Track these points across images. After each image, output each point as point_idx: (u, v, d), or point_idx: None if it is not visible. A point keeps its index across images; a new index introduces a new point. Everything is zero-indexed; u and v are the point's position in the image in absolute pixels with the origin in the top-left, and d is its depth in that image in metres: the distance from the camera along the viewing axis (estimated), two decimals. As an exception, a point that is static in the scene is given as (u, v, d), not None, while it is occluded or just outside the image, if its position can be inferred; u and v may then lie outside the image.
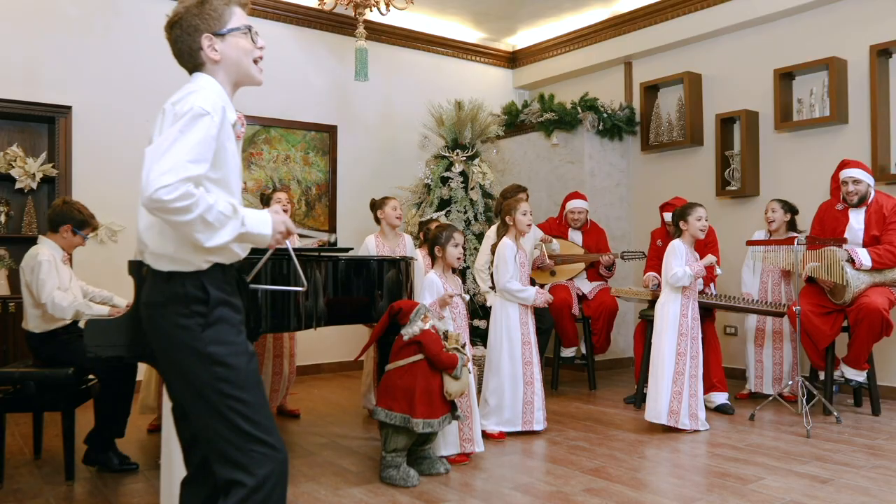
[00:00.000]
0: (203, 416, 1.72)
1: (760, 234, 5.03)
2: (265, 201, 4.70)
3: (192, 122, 1.63)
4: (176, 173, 1.56)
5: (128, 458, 3.47)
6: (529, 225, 4.10)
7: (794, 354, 4.84)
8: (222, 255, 1.75)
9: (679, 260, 4.06)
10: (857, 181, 4.40)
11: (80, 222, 3.61)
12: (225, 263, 1.78)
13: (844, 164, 4.50)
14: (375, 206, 4.79)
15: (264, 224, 1.72)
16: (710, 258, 4.13)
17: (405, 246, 4.76)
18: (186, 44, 1.78)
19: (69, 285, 3.56)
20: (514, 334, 4.00)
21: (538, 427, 3.99)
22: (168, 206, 1.55)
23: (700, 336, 4.12)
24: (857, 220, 4.42)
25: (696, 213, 4.11)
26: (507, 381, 3.95)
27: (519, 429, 3.95)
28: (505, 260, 3.99)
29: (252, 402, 1.72)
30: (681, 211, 4.20)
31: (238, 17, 1.82)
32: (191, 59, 1.80)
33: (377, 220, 4.77)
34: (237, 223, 1.66)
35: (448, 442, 3.47)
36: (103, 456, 3.43)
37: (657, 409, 4.03)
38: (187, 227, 1.60)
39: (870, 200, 4.42)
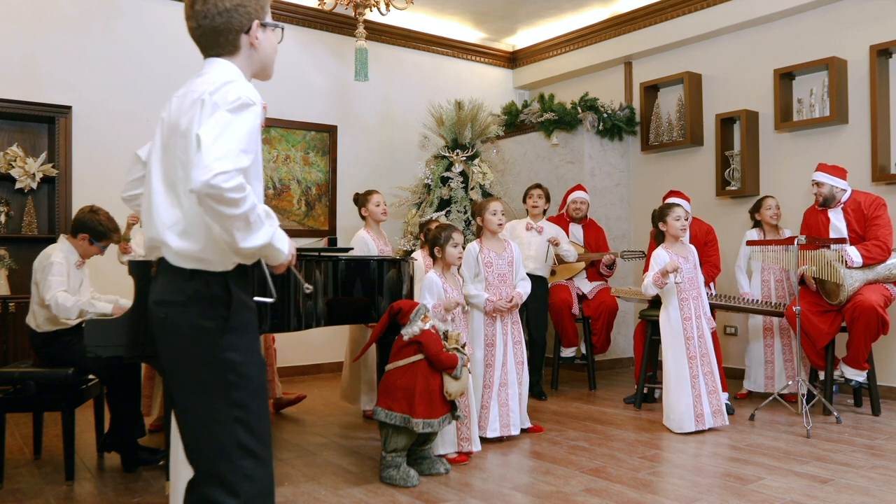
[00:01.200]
0: (201, 423, 1.66)
1: (753, 234, 5.04)
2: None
3: (241, 111, 1.59)
4: (231, 161, 1.51)
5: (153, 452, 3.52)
6: (501, 224, 4.00)
7: (790, 353, 4.86)
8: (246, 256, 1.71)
9: (655, 269, 4.06)
10: (819, 184, 4.47)
11: (99, 234, 3.58)
12: (247, 265, 1.73)
13: (817, 167, 4.56)
14: (359, 201, 4.78)
15: (284, 242, 1.69)
16: (670, 265, 3.99)
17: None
18: (231, 23, 1.70)
19: (79, 290, 3.55)
20: (476, 336, 3.90)
21: (515, 432, 3.87)
22: (224, 194, 1.48)
23: (708, 333, 4.11)
24: (837, 220, 4.47)
25: (675, 214, 4.11)
26: (477, 385, 3.83)
27: (497, 434, 3.82)
28: (465, 263, 3.93)
29: (257, 411, 1.68)
30: (659, 212, 4.20)
31: (270, 12, 1.79)
32: (224, 39, 1.72)
33: (362, 216, 4.77)
34: (271, 230, 1.62)
35: (446, 441, 3.47)
36: (135, 456, 3.45)
37: (680, 418, 3.97)
38: (229, 222, 1.53)
39: (843, 199, 4.46)
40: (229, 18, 1.69)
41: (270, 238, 1.62)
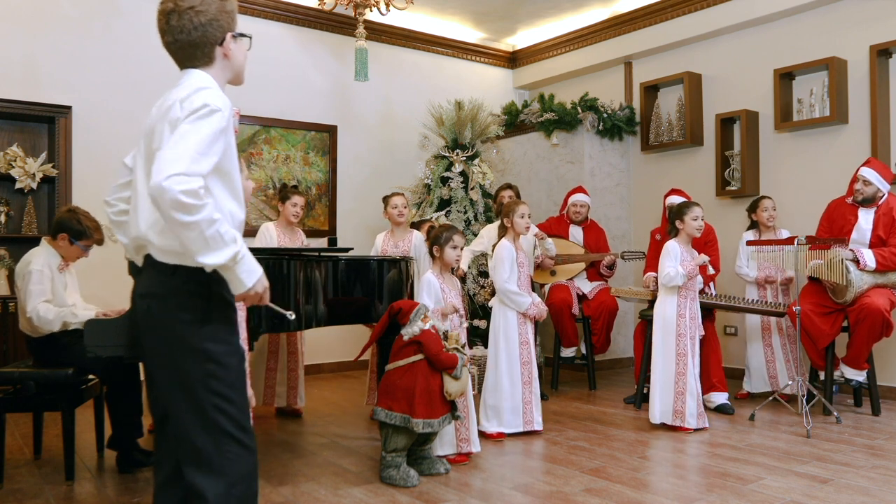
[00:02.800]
0: (185, 412, 1.72)
1: (750, 235, 5.03)
2: (283, 198, 4.62)
3: (204, 116, 1.63)
4: (185, 164, 1.54)
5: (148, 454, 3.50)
6: (528, 227, 4.10)
7: (788, 352, 4.86)
8: None
9: (672, 260, 4.07)
10: (866, 182, 4.36)
11: (77, 233, 3.48)
12: None
13: (867, 161, 4.46)
14: (383, 204, 4.85)
15: (253, 274, 1.68)
16: (702, 258, 4.12)
17: (411, 242, 4.76)
18: (206, 37, 1.77)
19: (64, 294, 3.47)
20: (511, 335, 3.99)
21: (538, 427, 3.99)
22: (177, 197, 1.50)
23: (698, 336, 4.12)
24: (865, 220, 4.40)
25: (693, 213, 4.13)
26: (506, 382, 3.95)
27: (520, 429, 3.95)
28: (502, 260, 3.98)
29: (237, 401, 1.74)
30: (678, 209, 4.21)
31: (238, 23, 1.88)
32: (201, 52, 1.79)
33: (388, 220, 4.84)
34: (229, 253, 1.61)
35: (444, 442, 3.47)
36: (130, 457, 3.45)
37: (661, 410, 4.05)
38: (183, 230, 1.55)
39: (880, 202, 4.39)
40: (205, 33, 1.77)
41: (228, 261, 1.61)
